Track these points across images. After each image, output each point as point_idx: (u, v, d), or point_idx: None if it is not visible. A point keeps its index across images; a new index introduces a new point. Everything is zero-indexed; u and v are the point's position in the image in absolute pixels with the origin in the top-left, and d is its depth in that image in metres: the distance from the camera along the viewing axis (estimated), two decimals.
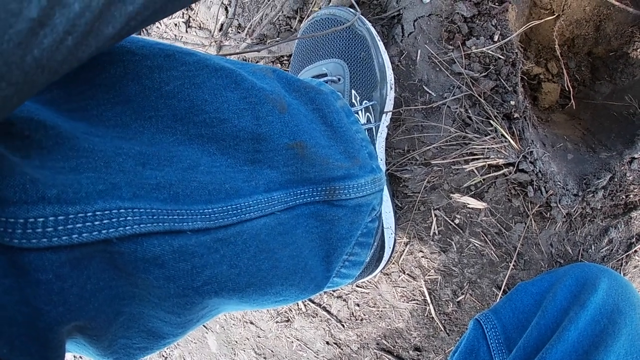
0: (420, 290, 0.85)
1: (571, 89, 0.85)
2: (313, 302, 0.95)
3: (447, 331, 0.85)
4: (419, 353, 0.88)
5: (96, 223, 0.32)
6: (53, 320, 0.32)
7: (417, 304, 0.86)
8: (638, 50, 0.90)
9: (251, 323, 1.04)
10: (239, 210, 0.43)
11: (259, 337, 1.04)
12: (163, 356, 1.26)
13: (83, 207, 0.32)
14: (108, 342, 0.39)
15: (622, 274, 0.79)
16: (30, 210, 0.29)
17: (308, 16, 0.77)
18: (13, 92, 0.22)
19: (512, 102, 0.71)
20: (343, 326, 0.93)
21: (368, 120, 0.68)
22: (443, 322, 0.85)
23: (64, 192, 0.31)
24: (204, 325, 1.08)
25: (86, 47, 0.26)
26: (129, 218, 0.34)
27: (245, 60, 0.89)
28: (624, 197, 0.74)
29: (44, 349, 0.32)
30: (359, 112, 0.66)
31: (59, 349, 0.34)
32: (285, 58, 0.86)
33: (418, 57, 0.74)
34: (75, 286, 0.32)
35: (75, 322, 0.34)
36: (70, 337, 0.36)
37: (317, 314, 0.95)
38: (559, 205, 0.73)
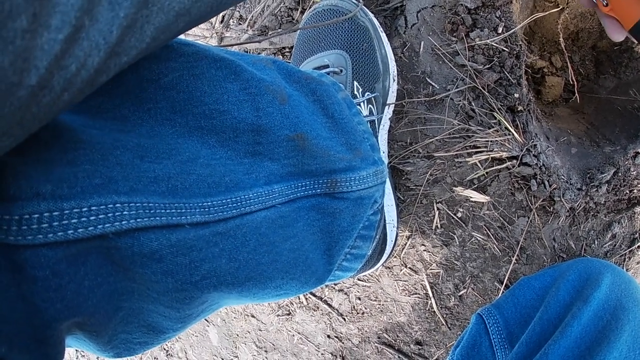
0: (422, 284, 0.84)
1: (575, 83, 0.84)
2: (314, 295, 0.95)
3: (449, 325, 0.85)
4: (420, 347, 0.88)
5: (92, 218, 0.32)
6: (51, 317, 0.31)
7: (418, 297, 0.85)
8: None
9: (252, 316, 1.04)
10: (238, 203, 0.42)
11: (260, 330, 1.04)
12: (165, 349, 1.26)
13: (78, 202, 0.31)
14: (108, 337, 0.39)
15: (624, 269, 0.79)
16: (25, 207, 0.29)
17: (310, 7, 0.76)
18: (11, 141, 0.24)
19: (516, 95, 0.71)
20: (344, 320, 0.93)
21: (370, 112, 0.67)
22: (445, 316, 0.84)
23: (58, 187, 0.31)
24: (205, 319, 1.08)
25: (81, 95, 0.27)
26: (125, 213, 0.34)
27: (247, 51, 0.88)
28: (627, 191, 0.74)
29: (43, 346, 0.31)
30: (361, 103, 0.66)
31: (58, 346, 0.33)
32: (287, 50, 0.85)
33: (421, 49, 0.74)
34: (73, 282, 0.32)
35: (74, 318, 0.33)
36: (70, 333, 0.36)
37: (318, 308, 0.95)
38: (562, 200, 0.73)
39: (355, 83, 0.67)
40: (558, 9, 0.90)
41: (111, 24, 0.25)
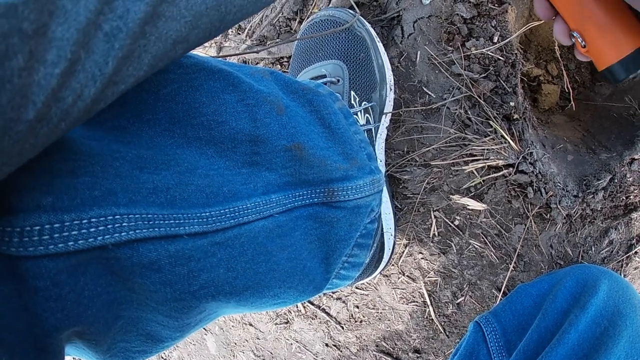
0: (419, 292, 0.84)
1: (571, 91, 0.85)
2: (312, 303, 0.95)
3: (447, 333, 0.85)
4: (418, 355, 0.88)
5: (91, 230, 0.32)
6: (51, 326, 0.32)
7: (416, 305, 0.85)
8: None
9: (250, 325, 1.04)
10: (236, 213, 0.42)
11: (258, 338, 1.04)
12: (162, 357, 1.26)
13: (78, 214, 0.32)
14: (107, 346, 0.39)
15: (622, 275, 0.79)
16: (27, 219, 0.30)
17: (308, 17, 0.77)
18: (10, 169, 0.25)
19: (512, 103, 0.71)
20: (342, 328, 0.93)
21: (367, 122, 0.68)
22: (443, 324, 0.84)
23: (59, 199, 0.31)
24: (203, 327, 1.08)
25: (78, 123, 0.28)
26: (124, 224, 0.34)
27: (245, 61, 0.89)
28: (624, 198, 0.74)
29: (43, 355, 0.32)
30: (358, 113, 0.66)
31: (58, 354, 0.34)
32: (285, 59, 0.86)
33: (418, 59, 0.74)
34: (73, 292, 0.33)
35: (73, 327, 0.34)
36: (70, 341, 0.36)
37: (316, 316, 0.95)
38: (559, 207, 0.73)
39: (352, 93, 0.67)
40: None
41: (107, 55, 0.26)
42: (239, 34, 0.88)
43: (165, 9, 0.29)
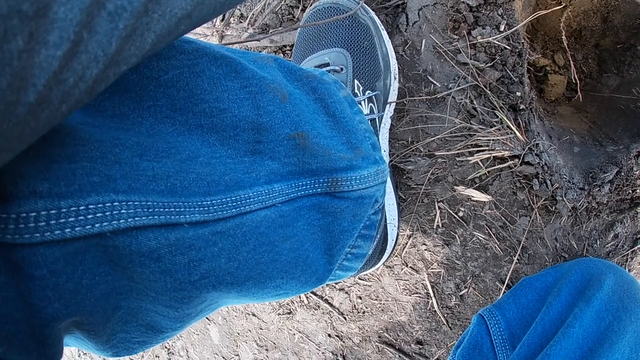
0: (422, 284, 0.84)
1: (578, 81, 0.84)
2: (315, 294, 0.94)
3: (450, 325, 0.84)
4: (420, 346, 0.88)
5: (89, 217, 0.32)
6: (49, 316, 0.31)
7: (419, 297, 0.85)
8: None
9: (253, 315, 1.04)
10: (238, 202, 0.42)
11: (261, 329, 1.04)
12: (166, 347, 1.26)
13: (75, 201, 0.31)
14: (106, 336, 0.39)
15: (627, 269, 0.78)
16: (22, 205, 0.29)
17: (310, 5, 0.76)
18: (10, 155, 0.24)
19: (518, 93, 0.70)
20: (345, 319, 0.93)
21: (371, 111, 0.67)
22: (445, 315, 0.84)
23: (56, 185, 0.30)
24: (206, 317, 1.08)
25: (79, 105, 0.27)
26: (123, 211, 0.33)
27: (248, 49, 0.88)
28: (630, 191, 0.73)
29: (41, 346, 0.31)
30: (362, 102, 0.65)
31: (56, 345, 0.33)
32: (288, 48, 0.85)
33: (423, 47, 0.73)
34: (71, 281, 0.32)
35: (72, 317, 0.33)
36: (69, 332, 0.36)
37: (319, 307, 0.94)
38: (564, 199, 0.72)
39: (356, 81, 0.67)
40: (560, 6, 0.89)
41: (110, 35, 0.25)
42: (241, 22, 0.87)
43: None
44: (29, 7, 0.20)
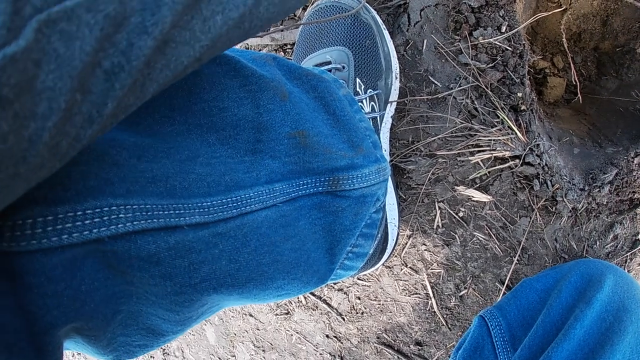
0: (422, 284, 0.84)
1: (578, 84, 0.84)
2: (313, 294, 0.94)
3: (449, 326, 0.84)
4: (420, 348, 0.88)
5: (86, 222, 0.31)
6: (48, 324, 0.30)
7: (419, 297, 0.85)
8: None
9: (250, 315, 1.03)
10: (239, 203, 0.41)
11: (258, 329, 1.03)
12: (162, 348, 1.25)
13: (72, 207, 0.30)
14: (107, 341, 0.38)
15: (626, 271, 0.78)
16: (18, 212, 0.28)
17: (312, 3, 0.76)
18: (11, 198, 0.23)
19: (519, 94, 0.70)
20: (343, 319, 0.92)
21: (372, 110, 0.67)
22: (445, 316, 0.84)
23: (52, 190, 0.30)
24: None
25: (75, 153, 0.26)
26: (121, 216, 0.33)
27: (248, 48, 0.87)
28: (630, 193, 0.73)
29: (41, 353, 0.31)
30: (363, 100, 0.65)
31: (56, 352, 0.32)
32: (289, 46, 0.84)
33: (424, 47, 0.73)
34: (69, 288, 0.31)
35: (71, 324, 0.32)
36: (68, 337, 0.35)
37: (317, 307, 0.94)
38: (565, 200, 0.72)
39: (358, 80, 0.66)
40: (561, 9, 0.89)
41: (106, 96, 0.24)
42: None
43: (176, 34, 0.26)
44: (8, 92, 0.19)
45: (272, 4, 0.32)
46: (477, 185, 0.74)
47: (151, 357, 1.29)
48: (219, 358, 1.13)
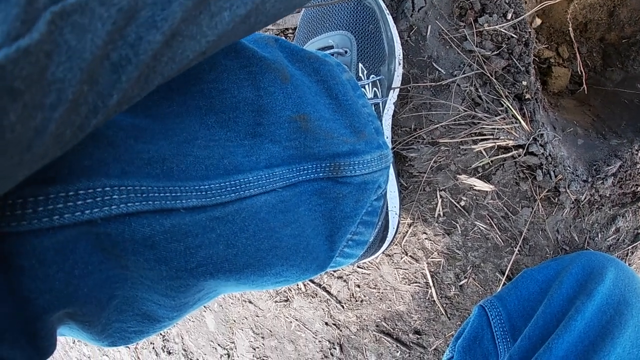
0: (422, 273, 0.83)
1: (584, 74, 0.83)
2: (313, 282, 0.94)
3: (449, 315, 0.84)
4: (419, 336, 0.87)
5: (78, 203, 0.30)
6: (40, 309, 0.30)
7: (418, 286, 0.84)
8: None
9: (250, 302, 1.03)
10: (237, 187, 0.40)
11: (257, 316, 1.03)
12: (161, 334, 1.26)
13: (64, 187, 0.29)
14: (101, 326, 0.37)
15: (627, 264, 0.78)
16: (8, 192, 0.27)
17: None
18: (10, 184, 0.23)
19: (524, 83, 0.69)
20: (343, 307, 0.92)
21: (375, 95, 0.66)
22: (444, 305, 0.83)
23: (44, 170, 0.29)
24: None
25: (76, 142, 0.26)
26: (115, 197, 0.32)
27: None
28: (633, 185, 0.73)
29: (33, 339, 0.30)
30: (366, 86, 0.64)
31: (50, 338, 0.32)
32: (290, 31, 0.83)
33: (428, 33, 0.72)
34: (62, 272, 0.30)
35: (64, 309, 0.32)
36: (62, 323, 0.35)
37: (316, 294, 0.94)
38: (567, 191, 0.71)
39: (360, 65, 0.65)
40: None
41: (112, 87, 0.24)
42: None
43: (184, 28, 0.26)
44: (20, 84, 0.19)
45: (279, 1, 0.32)
46: (480, 174, 0.74)
47: (151, 343, 1.29)
48: (219, 344, 1.14)
